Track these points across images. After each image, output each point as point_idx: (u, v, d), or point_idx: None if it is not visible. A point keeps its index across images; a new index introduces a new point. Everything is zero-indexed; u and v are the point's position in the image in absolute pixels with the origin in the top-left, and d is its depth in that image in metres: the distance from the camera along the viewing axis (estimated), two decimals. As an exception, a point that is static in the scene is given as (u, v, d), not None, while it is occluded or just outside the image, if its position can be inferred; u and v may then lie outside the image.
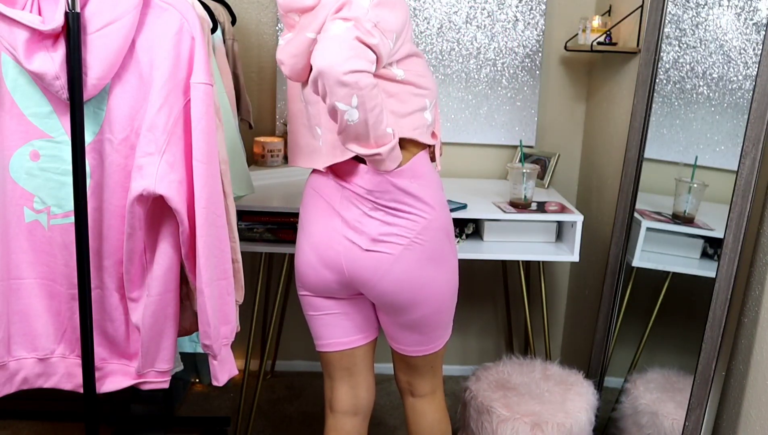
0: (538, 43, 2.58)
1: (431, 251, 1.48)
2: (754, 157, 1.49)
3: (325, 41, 1.26)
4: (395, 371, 1.71)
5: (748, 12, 1.68)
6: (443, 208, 1.51)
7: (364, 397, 1.68)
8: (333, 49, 1.24)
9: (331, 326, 1.62)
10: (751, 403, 1.53)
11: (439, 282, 1.51)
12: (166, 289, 1.42)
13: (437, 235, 1.49)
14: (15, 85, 1.37)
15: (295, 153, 1.60)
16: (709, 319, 1.58)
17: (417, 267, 1.48)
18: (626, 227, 2.06)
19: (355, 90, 1.24)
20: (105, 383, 1.52)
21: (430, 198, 1.47)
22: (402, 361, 1.65)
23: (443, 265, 1.51)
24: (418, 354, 1.61)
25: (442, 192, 1.53)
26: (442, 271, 1.51)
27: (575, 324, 2.75)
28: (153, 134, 1.33)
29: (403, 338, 1.60)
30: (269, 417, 2.54)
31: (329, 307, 1.60)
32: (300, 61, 1.42)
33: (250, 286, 2.11)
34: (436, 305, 1.53)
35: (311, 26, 1.38)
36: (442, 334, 1.60)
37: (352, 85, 1.23)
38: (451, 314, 1.60)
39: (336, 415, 1.67)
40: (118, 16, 1.30)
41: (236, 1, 2.45)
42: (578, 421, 1.85)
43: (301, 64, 1.43)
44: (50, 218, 1.43)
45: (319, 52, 1.25)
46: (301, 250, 1.56)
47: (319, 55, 1.24)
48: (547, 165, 2.58)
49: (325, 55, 1.24)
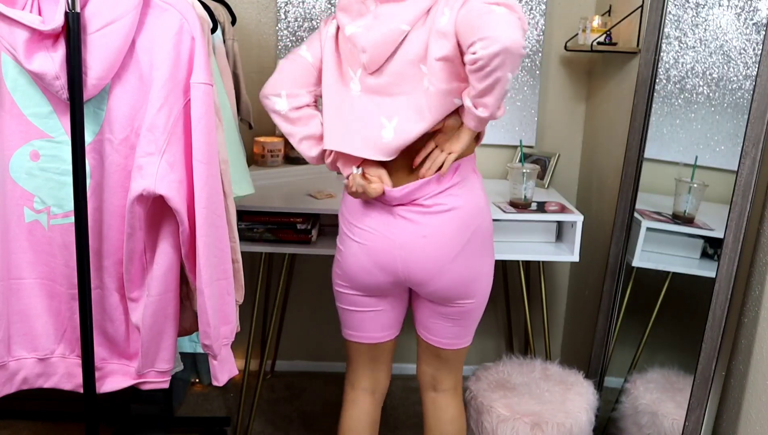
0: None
1: (478, 248, 1.56)
2: (754, 157, 1.49)
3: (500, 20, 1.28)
4: (420, 365, 1.74)
5: (748, 12, 1.68)
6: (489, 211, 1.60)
7: (383, 380, 1.77)
8: (513, 26, 1.28)
9: (367, 322, 1.67)
10: (751, 403, 1.53)
11: (485, 278, 1.61)
12: (166, 289, 1.42)
13: (484, 235, 1.57)
14: (15, 85, 1.36)
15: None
16: (709, 319, 1.58)
17: (472, 259, 1.55)
18: (626, 227, 2.06)
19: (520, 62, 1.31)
20: (105, 383, 1.52)
21: (477, 199, 1.56)
22: (432, 354, 1.69)
23: (487, 261, 1.60)
24: (452, 347, 1.66)
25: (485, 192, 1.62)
26: (488, 268, 1.61)
27: (575, 324, 2.75)
28: (153, 134, 1.33)
29: (441, 330, 1.64)
30: (269, 417, 2.54)
31: (371, 304, 1.64)
32: (388, 49, 1.42)
33: (250, 286, 2.11)
34: (482, 297, 1.61)
35: (402, 17, 1.41)
36: (472, 329, 1.67)
37: (522, 57, 1.30)
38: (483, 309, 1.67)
39: (356, 391, 1.76)
40: (118, 16, 1.30)
41: (236, 1, 2.44)
42: (578, 421, 1.84)
43: (388, 53, 1.43)
44: (50, 218, 1.43)
45: (502, 30, 1.27)
46: (352, 253, 1.57)
47: (503, 32, 1.26)
48: (547, 165, 2.58)
49: (508, 32, 1.26)
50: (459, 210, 1.51)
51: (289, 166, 2.53)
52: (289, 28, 2.57)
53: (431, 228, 1.50)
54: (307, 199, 2.21)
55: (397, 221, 1.52)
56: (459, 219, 1.51)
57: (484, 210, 1.57)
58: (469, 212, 1.53)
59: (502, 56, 1.26)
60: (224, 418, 2.48)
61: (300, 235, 2.15)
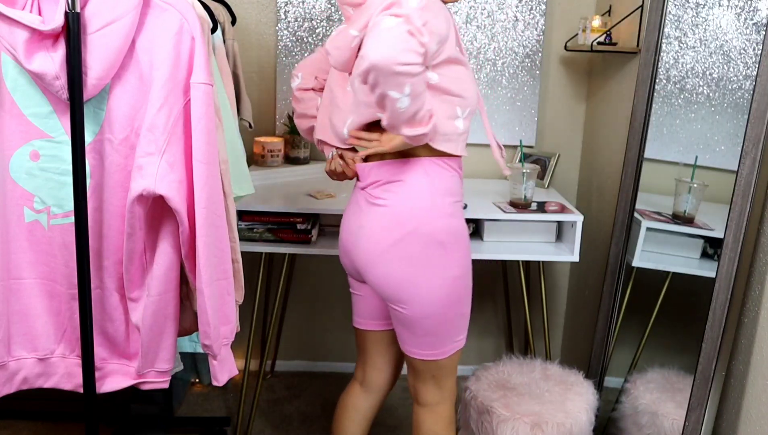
0: (538, 43, 2.58)
1: (417, 252, 1.51)
2: (754, 157, 1.49)
3: (377, 35, 1.26)
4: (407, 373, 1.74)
5: (748, 12, 1.68)
6: (435, 216, 1.53)
7: (373, 377, 1.80)
8: (387, 41, 1.25)
9: (357, 305, 1.78)
10: (751, 403, 1.53)
11: (427, 286, 1.53)
12: (166, 289, 1.42)
13: (423, 239, 1.51)
14: (15, 85, 1.36)
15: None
16: (709, 319, 1.58)
17: (407, 261, 1.52)
18: (626, 227, 2.06)
19: (408, 79, 1.26)
20: (105, 383, 1.52)
21: (416, 200, 1.52)
22: (408, 362, 1.68)
23: (432, 271, 1.53)
24: (418, 357, 1.62)
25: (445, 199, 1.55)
26: (430, 276, 1.53)
27: (575, 324, 2.75)
28: (153, 134, 1.33)
29: (401, 335, 1.63)
30: (269, 417, 2.54)
31: (355, 287, 1.76)
32: (343, 54, 1.49)
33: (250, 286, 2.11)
34: (423, 309, 1.55)
35: (357, 23, 1.44)
36: (440, 343, 1.60)
37: (405, 74, 1.25)
38: (451, 326, 1.59)
39: (354, 381, 1.84)
40: (118, 16, 1.30)
41: (236, 1, 2.45)
42: (578, 421, 1.84)
43: (344, 57, 1.49)
44: (50, 218, 1.43)
45: (371, 46, 1.25)
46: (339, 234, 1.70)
47: (372, 48, 1.25)
48: (547, 165, 2.58)
49: (379, 48, 1.24)
50: (392, 208, 1.53)
51: (289, 166, 2.53)
52: (289, 28, 2.57)
53: (368, 219, 1.56)
54: (307, 199, 2.21)
55: (356, 208, 1.61)
56: (391, 216, 1.53)
57: (427, 216, 1.52)
58: (403, 212, 1.52)
59: (373, 73, 1.26)
60: (224, 418, 2.48)
61: (300, 235, 2.15)
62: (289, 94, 2.61)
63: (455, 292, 1.56)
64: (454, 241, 1.54)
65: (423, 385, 1.67)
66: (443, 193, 1.54)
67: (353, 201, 1.64)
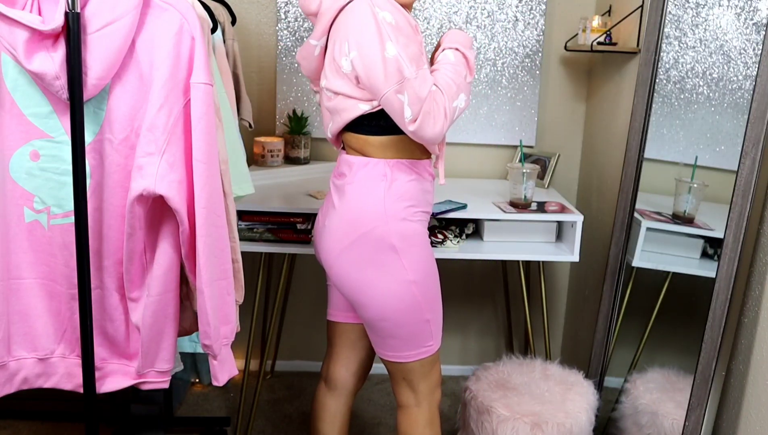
0: (538, 43, 2.58)
1: (369, 256, 1.53)
2: (754, 157, 1.49)
3: (427, 116, 1.42)
4: None
5: (748, 12, 1.68)
6: (388, 220, 1.52)
7: (337, 372, 1.78)
8: (438, 124, 1.43)
9: (330, 296, 1.78)
10: (751, 403, 1.53)
11: (380, 290, 1.53)
12: (166, 289, 1.42)
13: (375, 243, 1.52)
14: (15, 85, 1.36)
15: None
16: (709, 319, 1.58)
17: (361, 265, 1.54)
18: (626, 227, 2.06)
19: (449, 122, 1.46)
20: (105, 383, 1.51)
21: (370, 204, 1.53)
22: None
23: (386, 275, 1.53)
24: (383, 356, 1.64)
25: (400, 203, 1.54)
26: (383, 280, 1.53)
27: (575, 324, 2.75)
28: (153, 134, 1.33)
29: (370, 333, 1.64)
30: (269, 417, 2.54)
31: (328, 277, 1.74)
32: (309, 63, 1.61)
33: (250, 286, 2.11)
34: (378, 312, 1.55)
35: (316, 32, 1.53)
36: (405, 346, 1.59)
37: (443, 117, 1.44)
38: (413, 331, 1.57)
39: (319, 379, 1.84)
40: (118, 16, 1.30)
41: (236, 1, 2.45)
42: (578, 421, 1.84)
43: (311, 66, 1.62)
44: (50, 218, 1.43)
45: (427, 126, 1.42)
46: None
47: (428, 128, 1.43)
48: (547, 165, 2.58)
49: (434, 128, 1.43)
50: (344, 208, 1.56)
51: (289, 166, 2.53)
52: (289, 28, 2.57)
53: (330, 220, 1.60)
54: (307, 199, 2.21)
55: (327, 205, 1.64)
56: (348, 218, 1.55)
57: (380, 219, 1.52)
58: (358, 215, 1.53)
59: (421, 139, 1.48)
60: (224, 418, 2.48)
61: (300, 235, 2.15)
62: (289, 94, 2.61)
63: (410, 298, 1.54)
64: (407, 247, 1.53)
65: (396, 387, 1.68)
66: (398, 197, 1.54)
67: (327, 197, 1.66)
